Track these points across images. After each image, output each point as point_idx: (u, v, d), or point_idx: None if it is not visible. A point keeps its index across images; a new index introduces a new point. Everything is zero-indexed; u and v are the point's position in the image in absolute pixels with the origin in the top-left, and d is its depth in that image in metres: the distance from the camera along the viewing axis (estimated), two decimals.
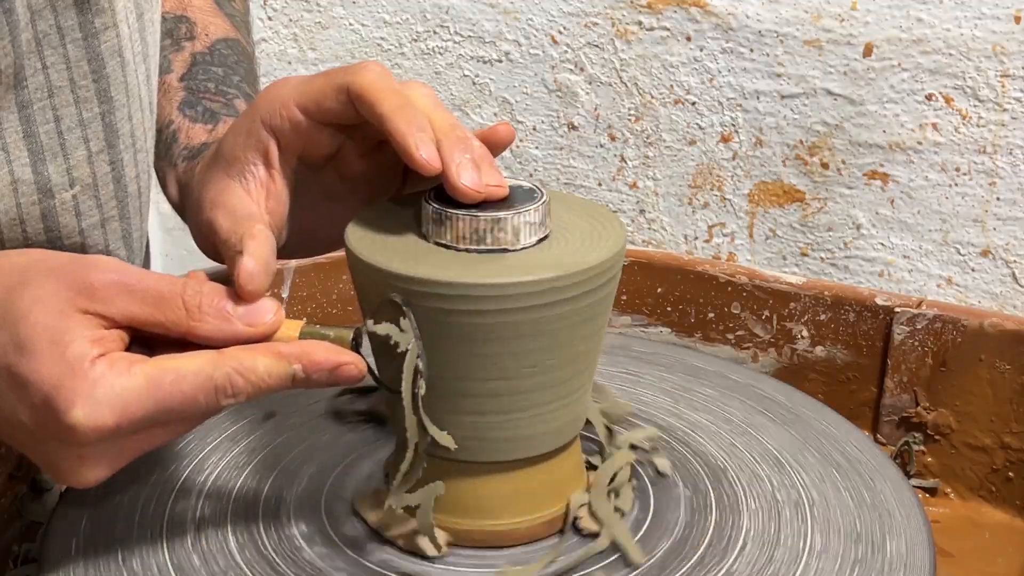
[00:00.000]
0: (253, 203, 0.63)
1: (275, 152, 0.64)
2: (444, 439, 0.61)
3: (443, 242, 0.61)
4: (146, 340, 0.58)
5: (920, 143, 1.23)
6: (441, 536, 0.64)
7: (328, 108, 0.62)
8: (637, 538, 0.65)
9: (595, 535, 0.65)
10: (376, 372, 0.61)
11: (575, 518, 0.66)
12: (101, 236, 0.73)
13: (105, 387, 0.54)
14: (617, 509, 0.66)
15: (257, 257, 0.59)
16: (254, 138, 0.63)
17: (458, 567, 0.63)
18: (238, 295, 0.58)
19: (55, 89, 0.68)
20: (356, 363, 0.57)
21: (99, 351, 0.55)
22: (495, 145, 0.64)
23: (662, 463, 0.71)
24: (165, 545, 0.65)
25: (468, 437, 0.62)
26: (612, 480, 0.68)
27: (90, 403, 0.54)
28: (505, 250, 0.60)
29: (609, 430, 0.72)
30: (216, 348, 0.56)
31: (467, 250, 0.60)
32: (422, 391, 0.59)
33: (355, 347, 0.58)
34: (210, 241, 0.64)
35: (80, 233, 0.72)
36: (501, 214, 0.60)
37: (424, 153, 0.59)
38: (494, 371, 0.60)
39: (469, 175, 0.60)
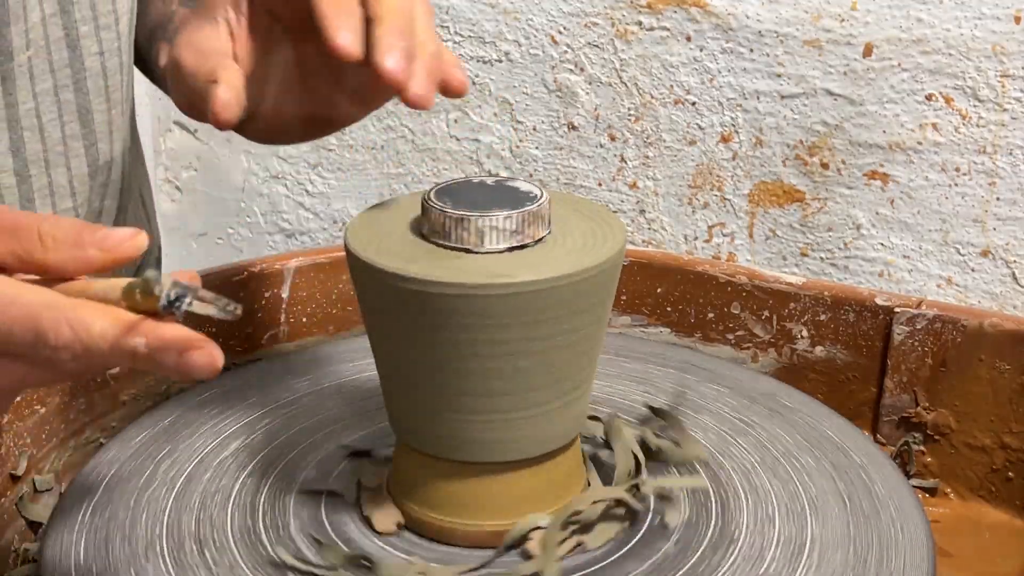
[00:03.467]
0: (221, 43, 0.63)
1: (245, 1, 0.63)
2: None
3: (443, 242, 0.61)
4: None
5: (920, 143, 1.23)
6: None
7: None
8: (637, 538, 0.65)
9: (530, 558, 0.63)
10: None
11: (525, 537, 0.64)
12: (54, 105, 0.74)
13: None
14: (579, 544, 0.64)
15: (230, 86, 0.58)
16: None
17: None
18: (216, 117, 0.57)
19: None
20: (211, 352, 0.49)
21: None
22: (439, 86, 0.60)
23: (672, 517, 0.66)
24: (166, 545, 0.65)
25: (469, 438, 0.62)
26: (581, 513, 0.65)
27: None
28: (505, 250, 0.60)
29: (638, 462, 0.68)
30: (68, 280, 0.52)
31: (467, 250, 0.60)
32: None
33: (171, 306, 0.49)
34: (178, 83, 0.63)
35: (34, 98, 0.72)
36: (503, 214, 0.60)
37: (341, 40, 0.55)
38: (493, 371, 0.60)
39: (395, 59, 0.56)
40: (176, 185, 1.58)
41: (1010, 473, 0.80)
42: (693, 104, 1.30)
